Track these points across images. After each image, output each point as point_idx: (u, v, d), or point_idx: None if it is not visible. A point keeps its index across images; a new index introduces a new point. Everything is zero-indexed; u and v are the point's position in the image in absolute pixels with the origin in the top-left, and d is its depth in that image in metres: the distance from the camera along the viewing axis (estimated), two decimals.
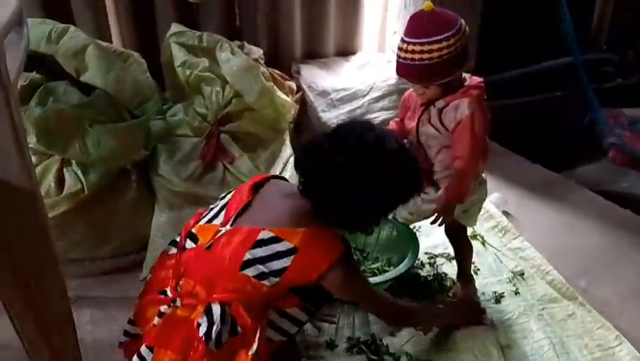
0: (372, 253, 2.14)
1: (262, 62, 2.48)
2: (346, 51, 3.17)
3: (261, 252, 1.28)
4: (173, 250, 1.42)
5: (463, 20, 1.57)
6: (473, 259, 2.02)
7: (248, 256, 1.28)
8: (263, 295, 1.30)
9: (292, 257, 1.28)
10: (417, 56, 1.51)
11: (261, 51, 2.53)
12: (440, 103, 1.63)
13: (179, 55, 2.30)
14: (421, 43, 1.50)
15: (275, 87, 2.35)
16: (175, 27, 2.37)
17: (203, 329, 1.24)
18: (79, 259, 2.15)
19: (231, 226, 1.34)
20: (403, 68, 1.58)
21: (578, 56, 3.41)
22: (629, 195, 3.27)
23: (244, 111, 2.31)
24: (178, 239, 1.43)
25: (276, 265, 1.28)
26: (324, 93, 2.80)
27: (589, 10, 4.15)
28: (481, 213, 2.34)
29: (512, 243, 2.27)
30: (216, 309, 1.25)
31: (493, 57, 3.54)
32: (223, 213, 1.39)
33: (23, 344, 1.34)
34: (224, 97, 2.27)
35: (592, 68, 3.57)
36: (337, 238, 1.35)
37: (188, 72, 2.30)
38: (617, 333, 1.82)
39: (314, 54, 3.10)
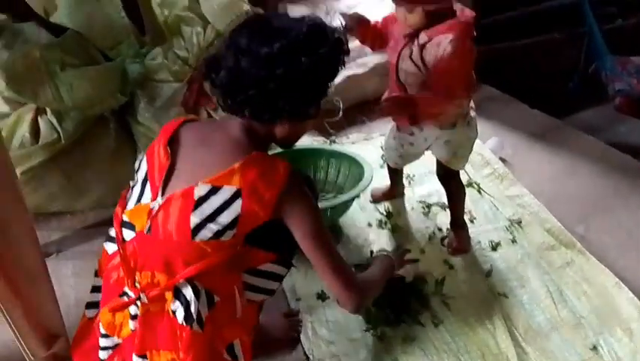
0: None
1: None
2: None
3: (205, 210, 1.12)
4: (112, 247, 1.25)
5: None
6: (469, 208, 1.96)
7: (194, 220, 1.12)
8: (226, 251, 1.16)
9: (240, 201, 1.12)
10: None
11: None
12: (423, 37, 1.51)
13: None
14: None
15: None
16: None
17: (180, 314, 1.12)
18: (59, 212, 2.09)
19: (162, 197, 1.16)
20: None
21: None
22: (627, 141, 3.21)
23: None
24: (113, 233, 1.25)
25: (227, 217, 1.12)
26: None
27: None
28: (478, 159, 2.30)
29: (509, 190, 2.20)
30: (186, 288, 1.13)
31: None
32: (148, 187, 1.20)
33: None
34: (205, 38, 2.12)
35: (593, 8, 3.43)
36: (277, 159, 1.19)
37: (166, 12, 2.15)
38: (617, 280, 1.77)
39: None
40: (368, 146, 2.50)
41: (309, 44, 1.14)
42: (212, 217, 1.12)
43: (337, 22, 1.26)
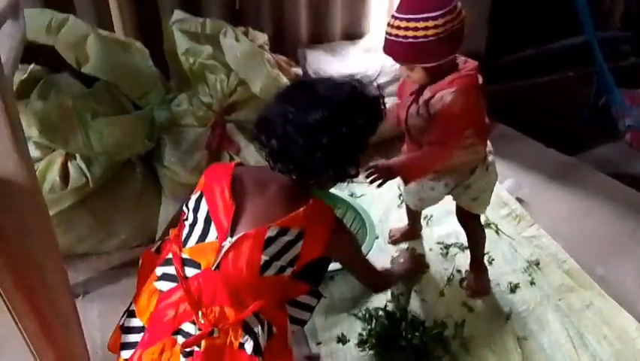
0: None
1: (267, 48, 2.41)
2: (353, 34, 3.10)
3: (273, 249, 1.23)
4: (166, 285, 1.28)
5: (459, 3, 1.47)
6: (487, 249, 1.97)
7: (264, 258, 1.22)
8: (283, 285, 1.27)
9: (301, 242, 1.24)
10: (401, 33, 1.43)
11: (266, 37, 2.46)
12: (427, 94, 1.56)
13: (182, 42, 2.24)
14: (407, 20, 1.42)
15: (280, 74, 2.28)
16: (177, 14, 2.31)
17: (250, 347, 1.19)
18: (86, 253, 2.13)
19: (231, 236, 1.24)
20: (388, 45, 1.51)
21: (593, 35, 3.33)
22: None
23: (249, 99, 2.25)
24: (164, 272, 1.30)
25: (290, 255, 1.24)
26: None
27: None
28: (495, 200, 2.31)
29: (527, 231, 2.21)
30: (254, 322, 1.22)
31: (506, 38, 3.46)
32: (212, 227, 1.27)
33: (27, 344, 1.31)
34: (228, 85, 2.21)
35: (607, 46, 3.48)
36: (323, 202, 1.32)
37: (191, 60, 2.23)
38: (637, 324, 1.77)
39: (320, 38, 3.03)
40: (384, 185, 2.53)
41: (349, 114, 1.24)
42: (278, 256, 1.23)
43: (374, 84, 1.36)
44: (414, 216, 2.16)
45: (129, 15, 2.51)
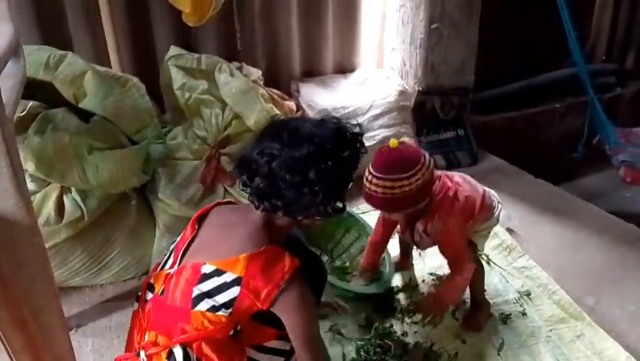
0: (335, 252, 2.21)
1: (261, 83, 2.47)
2: (345, 68, 3.17)
3: (206, 286, 1.23)
4: (135, 305, 1.39)
5: (427, 155, 1.62)
6: None
7: (195, 291, 1.23)
8: (226, 326, 1.24)
9: (238, 287, 1.21)
10: (380, 190, 1.57)
11: (260, 72, 2.52)
12: (419, 226, 1.71)
13: (177, 78, 2.29)
14: (383, 179, 1.56)
15: (274, 108, 2.33)
16: (173, 50, 2.37)
17: None
18: (79, 286, 2.13)
19: (178, 266, 1.30)
20: (368, 197, 1.63)
21: (587, 77, 3.41)
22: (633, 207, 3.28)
23: (244, 133, 2.29)
24: (139, 293, 1.39)
25: (224, 297, 1.22)
26: (323, 112, 2.78)
27: (586, 22, 4.18)
28: None
29: (518, 262, 2.24)
30: (178, 352, 1.21)
31: (493, 71, 3.54)
32: (172, 255, 1.35)
33: None
34: (223, 119, 2.26)
35: (593, 78, 3.57)
36: (287, 256, 1.25)
37: (187, 95, 2.28)
38: (627, 354, 1.79)
39: (313, 72, 3.10)
40: (377, 215, 2.56)
41: (334, 148, 1.24)
42: (210, 294, 1.23)
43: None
44: (406, 248, 2.18)
45: (126, 51, 2.57)
